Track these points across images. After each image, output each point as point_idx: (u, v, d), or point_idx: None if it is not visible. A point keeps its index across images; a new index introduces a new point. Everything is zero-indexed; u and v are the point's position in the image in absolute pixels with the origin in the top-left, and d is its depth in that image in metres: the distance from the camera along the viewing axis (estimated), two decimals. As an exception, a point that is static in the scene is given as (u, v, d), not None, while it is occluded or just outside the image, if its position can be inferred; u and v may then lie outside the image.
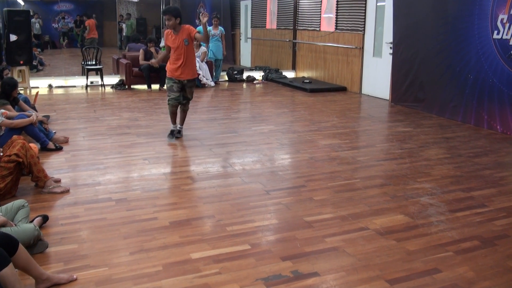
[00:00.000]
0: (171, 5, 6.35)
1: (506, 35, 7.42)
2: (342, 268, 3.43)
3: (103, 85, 11.94)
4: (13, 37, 10.32)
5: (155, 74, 11.52)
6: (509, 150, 6.71)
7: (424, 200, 4.76)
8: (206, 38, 6.83)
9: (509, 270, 3.45)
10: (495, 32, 7.60)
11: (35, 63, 13.48)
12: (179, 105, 7.05)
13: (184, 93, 6.99)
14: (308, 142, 6.96)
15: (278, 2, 15.25)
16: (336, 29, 12.21)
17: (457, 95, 8.46)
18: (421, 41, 9.27)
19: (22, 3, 17.23)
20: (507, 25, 7.39)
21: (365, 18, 11.16)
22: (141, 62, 11.58)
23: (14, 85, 6.55)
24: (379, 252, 3.66)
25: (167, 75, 6.92)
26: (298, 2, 14.07)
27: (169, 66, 6.85)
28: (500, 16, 7.50)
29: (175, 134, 7.03)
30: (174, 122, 7.12)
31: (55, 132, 6.79)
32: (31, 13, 12.10)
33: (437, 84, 8.97)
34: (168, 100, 6.96)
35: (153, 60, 7.88)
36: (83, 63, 12.42)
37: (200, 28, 12.72)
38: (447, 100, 8.72)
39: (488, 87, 7.81)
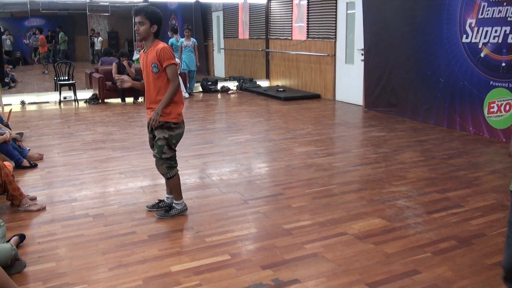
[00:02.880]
0: (148, 5, 4.40)
1: (475, 38, 7.57)
2: (322, 274, 3.44)
3: (76, 100, 11.83)
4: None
5: (128, 88, 11.41)
6: (482, 151, 6.83)
7: (401, 203, 4.81)
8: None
9: (486, 268, 3.50)
10: (464, 36, 7.75)
11: (7, 80, 13.28)
12: None
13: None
14: (284, 150, 6.98)
15: (250, 12, 15.34)
16: (307, 37, 12.31)
17: (429, 99, 8.60)
18: (391, 47, 9.40)
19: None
20: (476, 29, 7.54)
21: (336, 26, 11.28)
22: (114, 75, 11.50)
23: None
24: (358, 256, 3.69)
25: None
26: (270, 12, 14.17)
27: None
28: (469, 21, 7.65)
29: (155, 205, 4.76)
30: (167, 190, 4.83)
31: (29, 149, 6.69)
32: (1, 30, 11.94)
33: (409, 88, 9.10)
34: None
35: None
36: (55, 78, 12.30)
37: (172, 40, 12.81)
38: (419, 104, 8.85)
39: (459, 90, 7.95)
